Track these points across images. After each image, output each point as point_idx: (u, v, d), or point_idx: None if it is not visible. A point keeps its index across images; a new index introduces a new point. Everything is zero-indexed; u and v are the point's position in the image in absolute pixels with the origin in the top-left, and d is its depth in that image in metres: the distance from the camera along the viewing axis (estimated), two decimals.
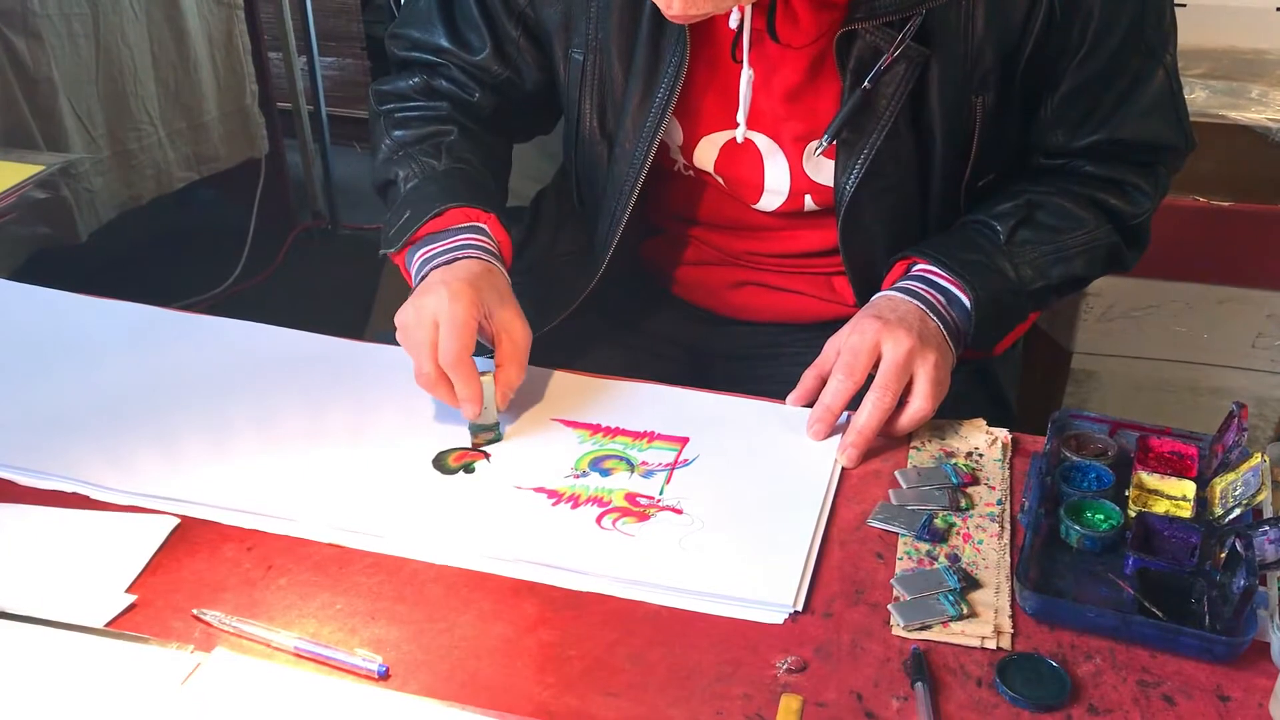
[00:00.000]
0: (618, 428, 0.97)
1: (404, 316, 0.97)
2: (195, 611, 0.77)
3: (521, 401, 1.00)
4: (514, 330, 0.98)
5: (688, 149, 1.10)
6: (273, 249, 2.94)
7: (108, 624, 0.76)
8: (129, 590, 0.79)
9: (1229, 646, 0.74)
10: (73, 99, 2.29)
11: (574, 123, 1.13)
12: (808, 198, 1.10)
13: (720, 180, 1.12)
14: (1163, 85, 1.04)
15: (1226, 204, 1.72)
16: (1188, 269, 1.75)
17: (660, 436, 0.96)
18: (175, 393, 1.00)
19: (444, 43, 1.14)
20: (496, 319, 0.97)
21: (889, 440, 0.96)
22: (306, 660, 0.74)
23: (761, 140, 1.07)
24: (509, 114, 1.18)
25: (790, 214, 1.12)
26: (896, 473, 0.92)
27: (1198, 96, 1.75)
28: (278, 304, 2.74)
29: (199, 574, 0.81)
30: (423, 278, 1.01)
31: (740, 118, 1.04)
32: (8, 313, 1.12)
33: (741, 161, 1.09)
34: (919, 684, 0.72)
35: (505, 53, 1.13)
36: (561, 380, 1.04)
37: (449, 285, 0.96)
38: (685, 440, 0.96)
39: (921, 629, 0.77)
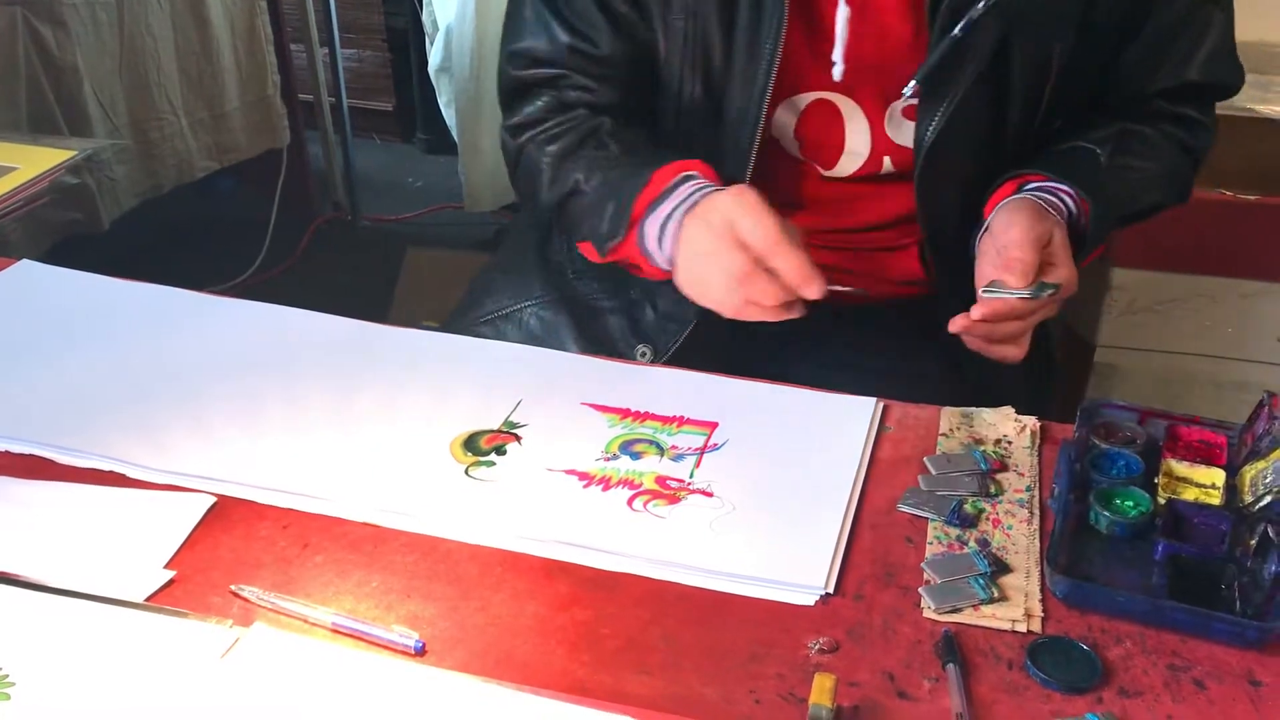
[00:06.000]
0: (647, 412, 0.98)
1: (692, 268, 0.97)
2: (233, 587, 0.78)
3: (551, 386, 1.01)
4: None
5: (768, 114, 1.09)
6: (293, 240, 2.95)
7: (147, 599, 0.77)
8: (167, 566, 0.79)
9: (1261, 632, 0.74)
10: (96, 87, 2.31)
11: (674, 94, 1.11)
12: (887, 159, 1.11)
13: (796, 146, 1.13)
14: (1227, 30, 1.10)
15: (1253, 198, 1.72)
16: (1213, 263, 1.75)
17: (689, 421, 0.97)
18: (209, 374, 1.01)
19: (568, 40, 1.09)
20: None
21: (918, 426, 0.96)
22: (344, 636, 0.74)
23: (843, 101, 1.08)
24: (636, 103, 1.14)
25: (864, 179, 1.13)
26: (925, 459, 0.92)
27: None
28: (297, 295, 2.72)
29: (236, 551, 0.82)
30: (670, 238, 0.99)
31: (837, 55, 1.04)
32: (43, 295, 1.13)
33: (822, 123, 1.10)
34: (950, 665, 0.72)
35: (624, 33, 1.09)
36: (590, 365, 1.05)
37: (713, 199, 0.96)
38: (715, 425, 0.96)
39: (952, 612, 0.77)
